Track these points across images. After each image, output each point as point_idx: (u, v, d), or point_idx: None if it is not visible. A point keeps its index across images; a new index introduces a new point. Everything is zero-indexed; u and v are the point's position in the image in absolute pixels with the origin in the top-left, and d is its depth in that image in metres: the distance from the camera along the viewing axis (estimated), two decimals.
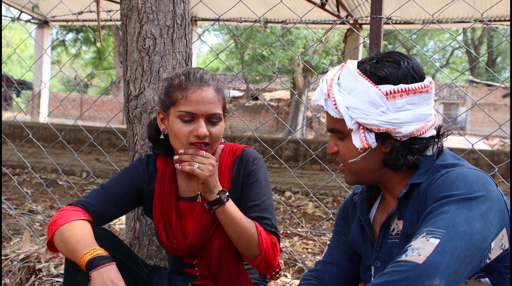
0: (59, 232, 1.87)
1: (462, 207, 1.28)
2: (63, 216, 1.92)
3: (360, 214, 1.67)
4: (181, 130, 1.93)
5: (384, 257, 1.55)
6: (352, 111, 1.47)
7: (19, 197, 6.49)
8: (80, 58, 36.19)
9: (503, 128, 3.15)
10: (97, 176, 8.66)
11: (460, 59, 45.45)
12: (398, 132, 1.46)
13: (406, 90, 1.45)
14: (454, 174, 1.38)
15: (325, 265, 1.78)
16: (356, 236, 1.69)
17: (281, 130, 25.42)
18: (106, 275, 1.70)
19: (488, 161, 3.37)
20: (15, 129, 14.44)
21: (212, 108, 1.94)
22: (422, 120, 1.48)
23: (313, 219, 6.05)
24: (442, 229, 1.24)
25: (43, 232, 4.47)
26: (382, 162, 1.53)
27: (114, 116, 4.21)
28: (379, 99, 1.45)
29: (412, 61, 1.50)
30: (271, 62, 19.57)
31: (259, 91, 26.43)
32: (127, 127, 2.61)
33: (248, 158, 2.06)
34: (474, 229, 1.25)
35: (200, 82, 1.96)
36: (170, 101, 1.97)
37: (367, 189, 1.70)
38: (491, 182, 1.40)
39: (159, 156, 2.15)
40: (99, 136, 13.66)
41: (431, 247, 1.20)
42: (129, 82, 2.54)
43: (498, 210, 1.34)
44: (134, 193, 2.10)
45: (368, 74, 1.48)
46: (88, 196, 2.04)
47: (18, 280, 3.08)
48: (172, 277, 2.17)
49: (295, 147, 12.38)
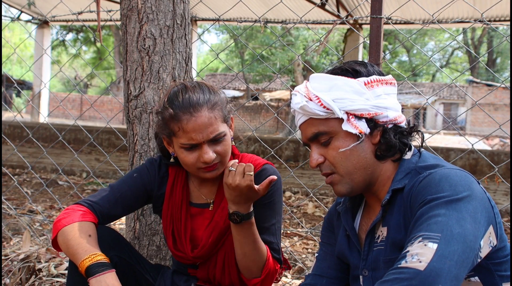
0: (62, 233, 1.86)
1: (451, 209, 1.28)
2: (68, 215, 1.91)
3: (345, 224, 1.66)
4: (187, 158, 1.91)
5: (371, 265, 1.55)
6: (339, 102, 1.50)
7: (19, 197, 6.49)
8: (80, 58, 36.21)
9: (503, 128, 3.15)
10: (97, 176, 8.66)
11: (460, 59, 45.46)
12: (385, 116, 1.51)
13: (379, 80, 1.53)
14: (437, 176, 1.38)
15: (314, 278, 1.77)
16: (343, 246, 1.68)
17: (281, 130, 25.43)
18: (104, 283, 1.68)
19: (488, 161, 3.36)
20: (15, 129, 14.44)
21: (210, 131, 1.88)
22: (397, 110, 1.55)
23: (313, 219, 6.05)
24: (438, 233, 1.23)
25: (43, 232, 4.47)
26: (374, 154, 1.54)
27: (114, 116, 4.21)
28: (360, 87, 1.50)
29: (370, 63, 1.58)
30: (271, 62, 19.58)
31: (259, 91, 26.43)
32: (127, 127, 2.61)
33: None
34: (467, 230, 1.25)
35: (191, 108, 1.88)
36: (169, 132, 1.93)
37: (349, 198, 1.68)
38: (473, 180, 1.40)
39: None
40: (99, 136, 13.66)
41: (430, 252, 1.20)
42: (129, 82, 2.54)
43: (483, 208, 1.34)
44: (143, 195, 2.09)
45: (340, 73, 1.54)
46: (96, 196, 2.02)
47: (18, 280, 3.08)
48: (175, 277, 2.16)
49: (295, 147, 12.38)
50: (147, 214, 2.55)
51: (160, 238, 2.55)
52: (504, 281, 1.42)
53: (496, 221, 1.39)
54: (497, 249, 1.40)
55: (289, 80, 21.38)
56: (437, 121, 36.56)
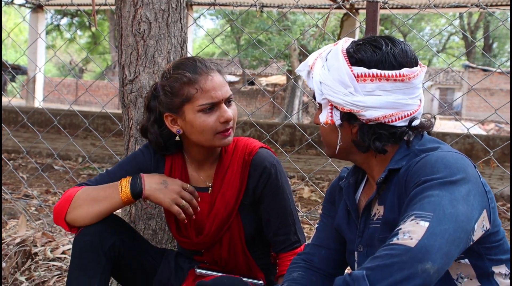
0: (78, 197, 1.92)
1: (445, 190, 1.29)
2: (68, 194, 1.95)
3: (346, 199, 1.67)
4: (207, 122, 1.89)
5: (366, 242, 1.56)
6: (323, 86, 1.50)
7: (15, 182, 6.48)
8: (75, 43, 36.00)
9: (499, 112, 3.15)
10: (92, 160, 8.65)
11: (457, 44, 45.39)
12: (362, 115, 1.47)
13: (378, 75, 1.45)
14: (433, 158, 1.39)
15: (313, 248, 1.79)
16: (342, 220, 1.69)
17: (277, 115, 25.39)
18: (152, 178, 1.94)
19: (483, 145, 3.37)
20: (10, 114, 14.38)
21: (226, 90, 1.93)
22: (394, 108, 1.46)
23: (309, 203, 6.07)
24: (430, 212, 1.24)
25: (39, 217, 4.48)
26: (352, 142, 1.54)
27: (109, 101, 4.20)
28: (349, 79, 1.46)
29: (397, 48, 1.48)
30: (267, 47, 19.49)
31: (255, 76, 26.36)
32: (122, 111, 2.60)
33: (266, 164, 2.02)
34: (459, 211, 1.26)
35: (206, 69, 1.92)
36: (181, 99, 1.90)
37: (353, 173, 1.70)
38: (469, 164, 1.40)
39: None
40: (94, 121, 13.63)
41: (421, 230, 1.21)
42: (124, 66, 2.53)
43: (477, 192, 1.35)
44: None
45: (348, 55, 1.49)
46: (93, 181, 2.04)
47: (14, 264, 3.09)
48: (179, 259, 2.17)
49: (291, 132, 12.38)
50: None
51: (156, 222, 2.56)
52: (493, 264, 1.44)
53: (490, 206, 1.40)
54: (490, 234, 1.41)
55: (285, 65, 21.29)
56: (433, 106, 36.57)
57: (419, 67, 1.51)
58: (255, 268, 2.12)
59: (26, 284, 2.96)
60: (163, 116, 1.99)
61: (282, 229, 2.06)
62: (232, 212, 2.03)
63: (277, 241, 2.08)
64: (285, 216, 2.05)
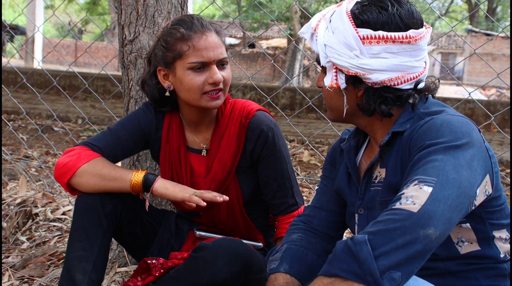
0: (85, 169, 1.89)
1: (449, 155, 1.28)
2: (78, 155, 1.92)
3: (347, 161, 1.66)
4: (194, 81, 1.88)
5: (367, 204, 1.56)
6: (328, 49, 1.46)
7: (15, 143, 6.49)
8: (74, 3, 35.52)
9: (501, 77, 3.13)
10: (92, 122, 8.65)
11: (460, 7, 44.86)
12: (368, 78, 1.44)
13: (384, 37, 1.42)
14: (438, 121, 1.37)
15: (313, 210, 1.79)
16: (342, 182, 1.68)
17: (278, 79, 25.25)
18: (167, 183, 1.94)
19: (485, 110, 3.36)
20: (9, 75, 14.31)
21: (220, 52, 1.91)
22: (399, 70, 1.44)
23: (308, 167, 6.09)
24: (433, 177, 1.23)
25: (39, 178, 4.49)
26: (357, 106, 1.52)
27: (108, 61, 4.16)
28: (354, 42, 1.43)
29: (403, 9, 1.44)
30: (268, 9, 19.25)
31: (255, 38, 26.11)
32: (122, 72, 2.58)
33: (263, 127, 2.01)
34: (462, 176, 1.25)
35: (202, 28, 1.90)
36: (174, 55, 1.90)
37: (354, 135, 1.69)
38: (474, 128, 1.39)
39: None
40: (94, 82, 13.56)
41: (425, 195, 1.20)
42: (123, 26, 2.49)
43: (481, 157, 1.34)
44: (141, 139, 2.08)
45: (353, 16, 1.45)
46: (96, 140, 2.01)
47: (15, 224, 3.11)
48: (179, 221, 2.18)
49: (291, 96, 12.34)
50: (143, 160, 2.55)
51: None
52: (494, 229, 1.44)
53: (493, 171, 1.40)
54: (492, 198, 1.40)
55: (286, 28, 21.07)
56: (435, 70, 36.35)
57: (425, 29, 1.48)
58: (254, 230, 2.13)
59: (27, 244, 2.98)
60: (157, 70, 1.99)
61: (280, 192, 2.06)
62: (229, 174, 2.03)
63: (274, 204, 2.09)
64: (283, 179, 2.06)
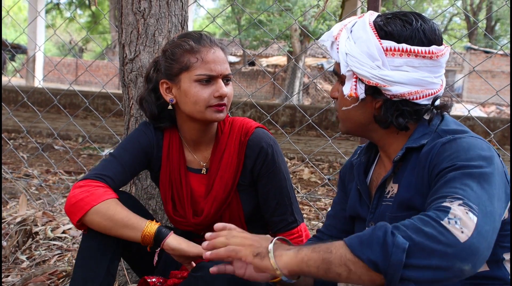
0: (97, 211, 1.82)
1: (484, 183, 1.26)
2: (90, 193, 1.85)
3: (356, 177, 1.67)
4: (200, 93, 1.89)
5: (377, 219, 1.55)
6: (349, 58, 1.47)
7: (15, 161, 6.49)
8: (75, 22, 35.76)
9: (500, 94, 3.14)
10: (92, 140, 8.65)
11: (458, 25, 45.11)
12: (388, 90, 1.45)
13: (407, 50, 1.43)
14: (465, 144, 1.36)
15: (323, 235, 1.80)
16: (354, 199, 1.69)
17: (278, 96, 25.33)
18: (180, 239, 1.84)
19: (484, 127, 3.36)
20: (10, 93, 14.34)
21: (226, 67, 1.94)
22: (419, 85, 1.45)
23: (308, 184, 6.08)
24: (475, 205, 1.21)
25: (40, 196, 4.48)
26: (373, 118, 1.53)
27: (109, 80, 4.18)
28: (377, 52, 1.44)
29: (427, 25, 1.47)
30: (268, 28, 19.38)
31: (255, 56, 26.24)
32: (122, 91, 2.59)
33: (263, 144, 2.01)
34: (494, 210, 1.24)
35: (209, 42, 1.94)
36: (181, 66, 1.91)
37: (365, 151, 1.69)
38: (496, 154, 1.39)
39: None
40: (94, 101, 13.59)
41: (472, 225, 1.16)
42: (124, 45, 2.51)
43: (503, 184, 1.34)
44: (144, 159, 2.06)
45: (376, 27, 1.47)
46: (104, 169, 1.97)
47: (15, 242, 3.10)
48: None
49: (291, 113, 12.37)
50: (143, 178, 2.55)
51: (156, 202, 2.56)
52: (505, 251, 1.43)
53: (510, 197, 1.39)
54: (505, 222, 1.39)
55: (286, 46, 21.20)
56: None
57: (444, 47, 1.50)
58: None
59: (27, 263, 2.97)
60: (159, 84, 1.99)
61: (279, 209, 2.06)
62: (230, 193, 2.03)
63: (274, 221, 2.08)
64: (282, 196, 2.05)
